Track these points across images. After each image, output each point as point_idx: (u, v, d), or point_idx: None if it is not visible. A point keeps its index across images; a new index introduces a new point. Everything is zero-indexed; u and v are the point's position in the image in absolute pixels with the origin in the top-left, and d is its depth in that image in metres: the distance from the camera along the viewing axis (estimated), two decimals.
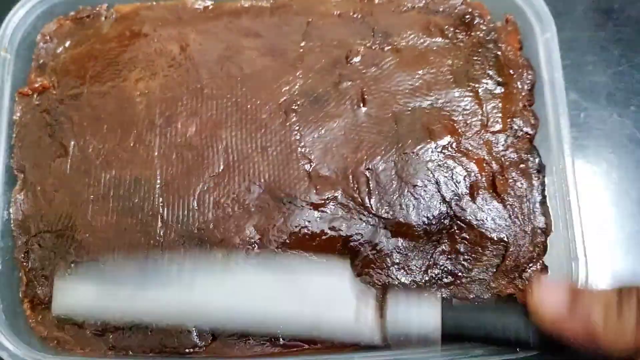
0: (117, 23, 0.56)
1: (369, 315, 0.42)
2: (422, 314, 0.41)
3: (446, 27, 0.55)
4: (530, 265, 0.50)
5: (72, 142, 0.52)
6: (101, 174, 0.51)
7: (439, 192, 0.51)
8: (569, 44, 0.67)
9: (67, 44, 0.56)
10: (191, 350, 0.50)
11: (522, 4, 0.55)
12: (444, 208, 0.50)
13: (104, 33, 0.56)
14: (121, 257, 0.50)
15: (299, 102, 0.52)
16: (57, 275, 0.49)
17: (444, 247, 0.50)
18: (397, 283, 0.50)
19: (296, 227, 0.50)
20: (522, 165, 0.52)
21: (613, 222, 0.61)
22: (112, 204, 0.51)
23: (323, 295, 0.42)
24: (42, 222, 0.51)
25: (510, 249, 0.50)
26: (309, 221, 0.50)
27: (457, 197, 0.51)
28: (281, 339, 0.50)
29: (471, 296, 0.50)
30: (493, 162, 0.52)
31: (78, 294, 0.44)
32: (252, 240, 0.50)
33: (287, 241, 0.50)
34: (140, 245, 0.50)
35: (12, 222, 0.52)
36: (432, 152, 0.51)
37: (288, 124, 0.52)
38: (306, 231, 0.50)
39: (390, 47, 0.54)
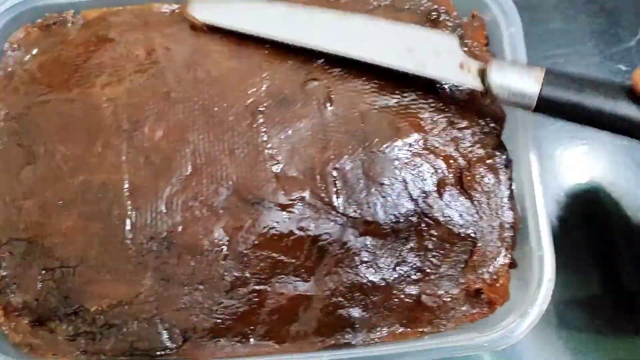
0: (84, 29, 0.56)
1: (473, 67, 0.49)
2: (524, 73, 0.46)
3: (412, 24, 0.55)
4: (497, 260, 0.51)
5: (41, 149, 0.52)
6: (69, 180, 0.52)
7: (406, 189, 0.51)
8: (542, 37, 0.68)
9: (35, 51, 0.56)
10: (162, 352, 0.50)
11: None
12: (411, 205, 0.51)
13: (71, 39, 0.56)
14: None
15: (265, 104, 0.52)
16: None
17: (412, 244, 0.51)
18: (366, 281, 0.50)
19: (264, 228, 0.50)
20: (489, 161, 0.52)
21: (584, 214, 0.62)
22: (81, 209, 0.51)
23: (431, 45, 0.50)
24: (11, 230, 0.51)
25: (478, 245, 0.51)
26: (277, 222, 0.50)
27: (424, 195, 0.51)
28: (252, 339, 0.50)
29: (440, 292, 0.50)
30: (460, 158, 0.52)
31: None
32: (221, 242, 0.50)
33: (256, 242, 0.50)
34: (110, 250, 0.50)
35: None
36: (399, 150, 0.51)
37: (255, 125, 0.52)
38: (275, 232, 0.50)
39: None
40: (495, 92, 0.46)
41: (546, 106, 0.45)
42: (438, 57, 0.49)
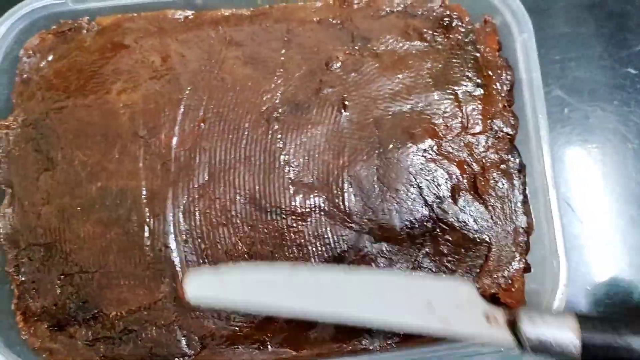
0: (99, 35, 0.57)
1: (500, 318, 0.45)
2: (558, 324, 0.43)
3: (425, 30, 0.56)
4: (512, 264, 0.51)
5: (59, 155, 0.53)
6: (87, 185, 0.52)
7: (421, 195, 0.51)
8: (551, 41, 0.68)
9: (50, 57, 0.56)
10: (180, 359, 0.50)
11: (499, 5, 0.55)
12: (426, 211, 0.51)
13: (86, 46, 0.56)
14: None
15: (280, 110, 0.53)
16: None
17: (427, 249, 0.51)
18: None
19: (281, 236, 0.50)
20: (502, 166, 0.53)
21: (596, 217, 0.62)
22: (99, 215, 0.51)
23: (452, 300, 0.45)
24: (31, 236, 0.52)
25: (493, 250, 0.51)
26: (294, 231, 0.51)
27: (439, 200, 0.51)
28: (269, 346, 0.50)
29: None
30: (474, 163, 0.52)
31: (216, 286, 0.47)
32: (238, 250, 0.50)
33: (272, 250, 0.50)
34: (129, 256, 0.51)
35: (1, 236, 0.53)
36: (413, 155, 0.52)
37: (270, 132, 0.52)
38: (292, 241, 0.50)
39: (369, 52, 0.55)
40: (531, 349, 0.43)
41: (590, 354, 0.42)
42: (460, 310, 0.45)
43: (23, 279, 0.52)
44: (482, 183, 0.52)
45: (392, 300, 0.45)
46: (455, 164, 0.52)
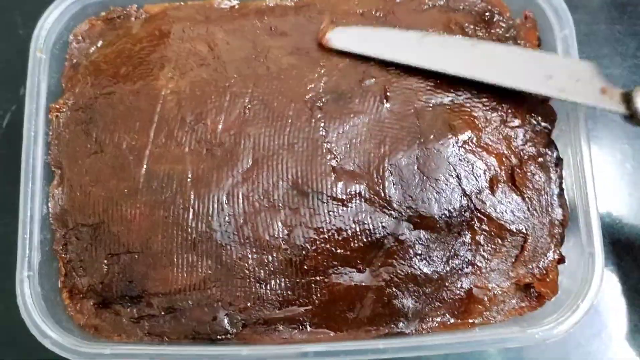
0: (147, 23, 0.58)
1: (616, 91, 0.50)
2: None
3: (466, 24, 0.56)
4: (547, 255, 0.52)
5: (107, 139, 0.54)
6: (134, 169, 0.54)
7: (460, 185, 0.52)
8: (585, 37, 0.69)
9: (99, 43, 0.58)
10: (223, 337, 0.52)
11: (540, 0, 0.56)
12: (464, 201, 0.52)
13: (134, 33, 0.58)
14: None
15: (323, 99, 0.54)
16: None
17: (464, 238, 0.52)
18: (419, 273, 0.52)
19: (322, 221, 0.52)
20: (540, 159, 0.54)
21: (627, 212, 0.63)
22: (145, 197, 0.53)
23: (570, 72, 0.51)
24: (79, 216, 0.54)
25: (529, 240, 0.52)
26: (334, 215, 0.52)
27: (477, 191, 0.52)
28: (308, 327, 0.52)
29: (490, 285, 0.52)
30: (512, 156, 0.53)
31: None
32: (280, 234, 0.52)
33: (314, 235, 0.52)
34: (173, 237, 0.52)
35: (50, 215, 0.54)
36: (453, 147, 0.53)
37: (313, 120, 0.53)
38: (332, 225, 0.52)
39: None
40: None
41: None
42: (578, 83, 0.50)
43: (70, 257, 0.54)
44: (520, 175, 0.53)
45: (515, 68, 0.52)
46: (493, 156, 0.53)
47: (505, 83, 0.52)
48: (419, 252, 0.52)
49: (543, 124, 0.54)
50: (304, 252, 0.52)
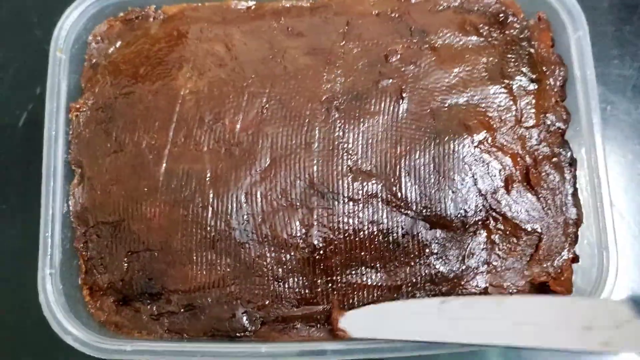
0: (165, 24, 0.59)
1: None
2: None
3: (481, 25, 0.57)
4: (562, 254, 0.53)
5: (126, 138, 0.55)
6: (154, 168, 0.54)
7: (475, 185, 0.53)
8: (595, 38, 0.69)
9: (118, 44, 0.59)
10: (241, 334, 0.53)
11: (553, 2, 0.57)
12: (480, 201, 0.53)
13: (153, 33, 0.58)
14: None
15: (340, 100, 0.55)
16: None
17: (480, 237, 0.53)
18: (435, 272, 0.52)
19: (339, 221, 0.52)
20: (554, 159, 0.54)
21: (638, 211, 0.64)
22: (165, 196, 0.54)
23: (611, 322, 0.45)
24: (99, 214, 0.55)
25: (544, 240, 0.53)
26: (351, 215, 0.53)
27: (492, 190, 0.53)
28: (326, 325, 0.53)
29: (506, 284, 0.53)
30: (527, 156, 0.54)
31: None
32: (298, 234, 0.52)
33: (331, 234, 0.52)
34: (193, 236, 0.53)
35: (71, 213, 0.55)
36: (468, 147, 0.54)
37: (330, 120, 0.54)
38: (349, 225, 0.52)
39: (427, 45, 0.56)
40: None
41: None
42: (620, 328, 0.45)
43: (91, 255, 0.55)
44: (535, 175, 0.54)
45: (548, 324, 0.46)
46: (508, 155, 0.54)
47: (539, 345, 0.47)
48: (435, 251, 0.53)
49: (557, 124, 0.55)
50: (321, 251, 0.52)
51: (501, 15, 0.58)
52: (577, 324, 0.45)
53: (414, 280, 0.53)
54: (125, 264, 0.54)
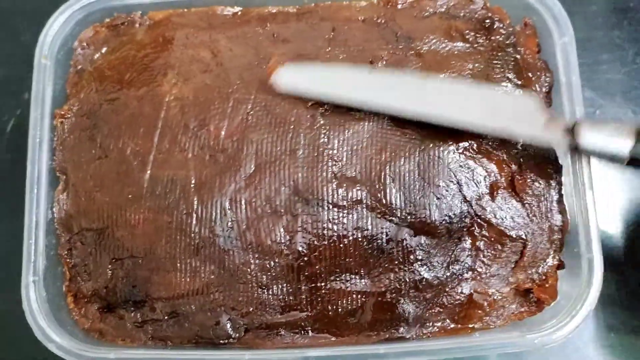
0: (151, 30, 0.59)
1: (560, 125, 0.50)
2: (614, 135, 0.48)
3: (467, 31, 0.57)
4: (547, 261, 0.53)
5: (111, 144, 0.55)
6: (138, 174, 0.54)
7: (460, 191, 0.53)
8: (584, 43, 0.69)
9: (104, 50, 0.59)
10: (225, 341, 0.53)
11: (540, 7, 0.57)
12: (465, 207, 0.53)
13: (138, 39, 0.58)
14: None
15: (325, 106, 0.55)
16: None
17: (464, 244, 0.53)
18: (420, 278, 0.52)
19: (324, 227, 0.52)
20: (540, 166, 0.54)
21: (627, 217, 0.64)
22: (149, 203, 0.54)
23: (514, 106, 0.52)
24: (83, 221, 0.54)
25: (528, 246, 0.53)
26: (336, 222, 0.52)
27: (477, 197, 0.53)
28: (310, 332, 0.53)
29: (490, 290, 0.53)
30: (512, 162, 0.54)
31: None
32: (282, 240, 0.52)
33: (315, 241, 0.52)
34: (177, 242, 0.53)
35: (55, 220, 0.55)
36: (453, 153, 0.53)
37: (316, 127, 0.54)
38: (333, 231, 0.52)
39: (413, 51, 0.56)
40: (587, 150, 0.49)
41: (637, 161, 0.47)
42: (522, 117, 0.51)
43: (75, 262, 0.55)
44: (520, 182, 0.54)
45: (461, 104, 0.52)
46: (494, 162, 0.54)
47: (448, 120, 0.51)
48: (420, 257, 0.52)
49: None
50: (305, 258, 0.52)
51: (487, 21, 0.58)
52: (485, 109, 0.52)
53: (398, 287, 0.52)
54: (110, 271, 0.54)
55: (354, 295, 0.52)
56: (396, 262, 0.52)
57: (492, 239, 0.53)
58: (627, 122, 0.49)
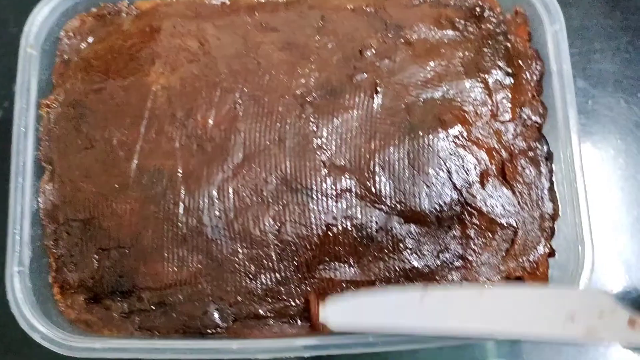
0: (138, 19, 0.58)
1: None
2: None
3: (457, 19, 0.57)
4: (538, 249, 0.52)
5: (97, 134, 0.54)
6: (125, 164, 0.53)
7: (450, 180, 0.52)
8: (577, 32, 0.69)
9: (90, 40, 0.58)
10: (213, 331, 0.52)
11: None
12: (455, 195, 0.52)
13: (125, 29, 0.58)
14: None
15: (314, 95, 0.54)
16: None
17: (455, 232, 0.52)
18: (410, 267, 0.52)
19: (312, 216, 0.52)
20: (530, 153, 0.54)
21: (619, 207, 0.63)
22: (135, 193, 0.53)
23: (594, 310, 0.46)
24: (69, 211, 0.54)
25: (519, 234, 0.52)
26: (325, 211, 0.52)
27: (467, 185, 0.52)
28: (299, 321, 0.52)
29: (481, 279, 0.52)
30: (503, 150, 0.53)
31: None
32: (271, 229, 0.52)
33: (304, 230, 0.52)
34: (164, 232, 0.52)
35: (41, 211, 0.54)
36: (443, 141, 0.53)
37: (304, 116, 0.53)
38: (322, 221, 0.52)
39: (402, 40, 0.56)
40: None
41: None
42: (603, 318, 0.45)
43: (61, 252, 0.54)
44: (510, 169, 0.53)
45: (531, 314, 0.46)
46: (484, 150, 0.53)
47: (522, 336, 0.47)
48: (410, 246, 0.52)
49: (533, 118, 0.54)
50: (294, 247, 0.52)
51: (477, 9, 0.57)
52: (561, 314, 0.45)
53: (388, 275, 0.52)
54: (96, 262, 0.53)
55: (343, 284, 0.52)
56: (386, 251, 0.52)
57: (483, 227, 0.52)
58: None
